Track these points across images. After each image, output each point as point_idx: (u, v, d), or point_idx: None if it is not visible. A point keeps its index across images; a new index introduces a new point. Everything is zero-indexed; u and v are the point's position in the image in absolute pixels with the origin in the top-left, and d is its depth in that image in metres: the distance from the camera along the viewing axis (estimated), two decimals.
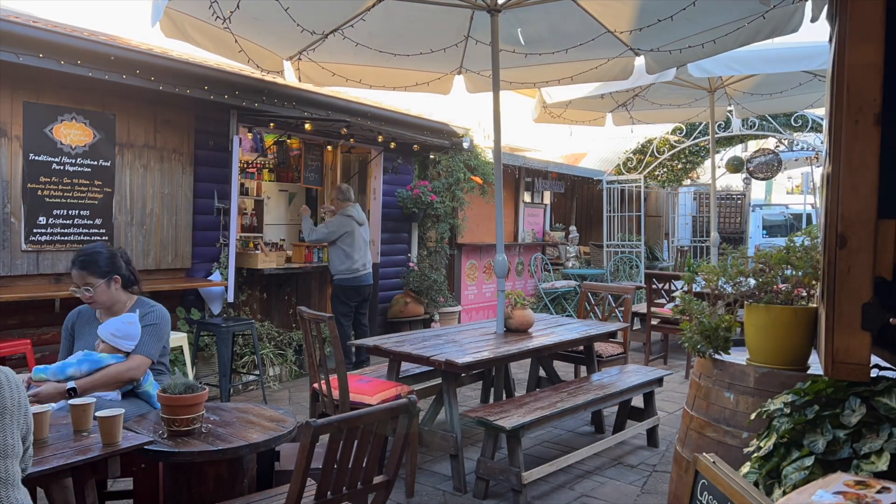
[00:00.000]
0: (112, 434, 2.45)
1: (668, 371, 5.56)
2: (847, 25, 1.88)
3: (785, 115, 11.15)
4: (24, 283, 5.14)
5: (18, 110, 5.09)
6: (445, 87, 6.41)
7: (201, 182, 6.43)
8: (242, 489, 2.92)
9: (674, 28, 5.04)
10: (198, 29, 4.56)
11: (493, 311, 5.39)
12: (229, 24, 4.50)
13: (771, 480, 1.92)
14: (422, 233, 9.15)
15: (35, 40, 4.74)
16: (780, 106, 8.70)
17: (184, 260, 6.29)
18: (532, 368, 5.79)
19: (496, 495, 4.08)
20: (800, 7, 4.77)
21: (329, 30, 5.13)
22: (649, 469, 4.61)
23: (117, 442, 2.46)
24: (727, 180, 15.92)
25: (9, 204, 5.08)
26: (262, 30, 4.94)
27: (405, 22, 5.25)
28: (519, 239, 11.46)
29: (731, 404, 2.55)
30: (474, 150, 9.25)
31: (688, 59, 5.71)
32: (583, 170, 13.32)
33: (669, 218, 14.46)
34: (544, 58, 5.81)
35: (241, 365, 6.42)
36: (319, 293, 7.79)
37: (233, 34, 4.66)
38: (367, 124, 7.39)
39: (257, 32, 4.94)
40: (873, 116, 1.85)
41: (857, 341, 1.89)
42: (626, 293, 6.22)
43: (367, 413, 2.43)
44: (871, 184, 1.86)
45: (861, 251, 1.88)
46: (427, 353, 4.25)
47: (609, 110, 8.39)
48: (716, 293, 2.79)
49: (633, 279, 11.70)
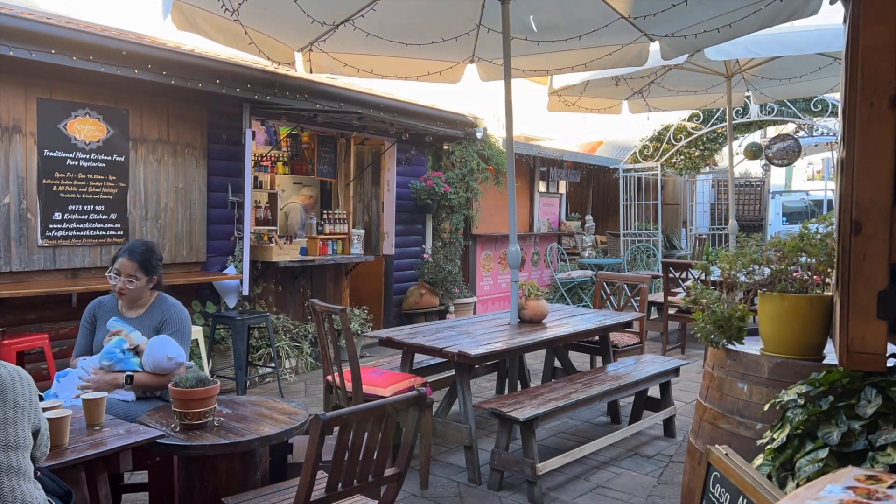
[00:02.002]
0: (60, 436, 2.40)
1: (685, 361, 5.51)
2: (861, 6, 1.82)
3: (804, 100, 10.97)
4: (41, 279, 5.19)
5: (32, 106, 5.13)
6: (457, 76, 6.37)
7: (215, 176, 6.45)
8: (255, 482, 2.93)
9: (689, 12, 4.96)
10: (208, 21, 4.56)
11: (509, 302, 5.36)
12: (238, 15, 4.50)
13: (784, 473, 1.88)
14: (436, 224, 9.12)
15: (47, 36, 4.77)
16: (798, 91, 8.56)
17: (199, 254, 6.33)
18: (547, 359, 5.77)
19: (511, 486, 4.07)
20: None
21: (339, 20, 5.10)
22: (666, 460, 4.57)
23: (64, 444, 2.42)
24: (746, 166, 15.73)
25: (24, 200, 5.12)
26: (272, 21, 4.93)
27: (416, 11, 5.21)
28: (534, 229, 11.40)
29: (744, 395, 2.52)
30: (488, 139, 9.20)
31: (703, 45, 5.62)
32: (598, 158, 13.21)
33: (687, 206, 14.33)
34: (557, 45, 5.74)
35: (258, 357, 6.45)
36: (334, 286, 7.80)
37: (242, 26, 4.65)
38: (380, 116, 7.37)
39: (267, 24, 4.92)
40: (888, 99, 1.80)
41: (873, 330, 1.85)
42: (642, 282, 6.17)
43: (378, 405, 2.42)
44: (886, 168, 1.81)
45: (876, 238, 1.83)
46: (440, 344, 4.24)
47: (625, 98, 8.29)
48: (729, 282, 2.74)
49: (650, 268, 11.61)
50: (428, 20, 5.40)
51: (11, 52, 4.61)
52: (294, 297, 7.35)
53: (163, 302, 3.55)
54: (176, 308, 3.54)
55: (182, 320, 3.50)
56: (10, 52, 4.60)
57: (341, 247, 7.51)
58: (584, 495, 3.99)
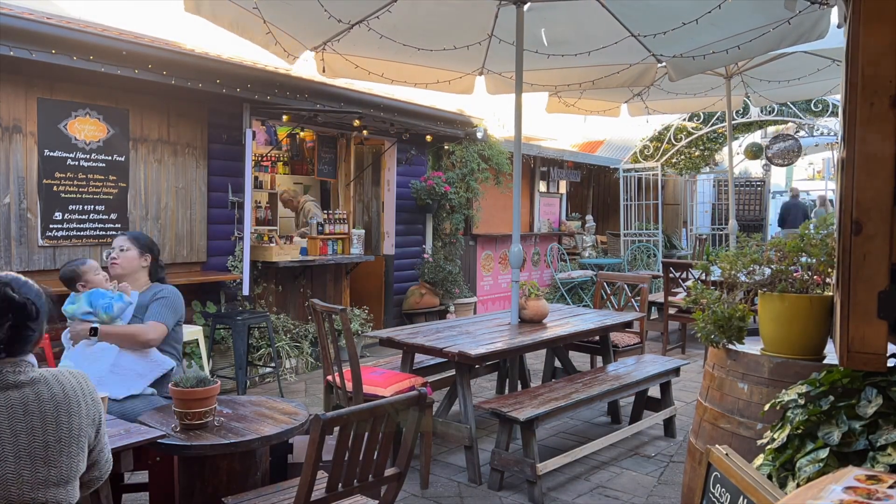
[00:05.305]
0: None
1: (685, 361, 5.51)
2: (861, 5, 1.82)
3: (805, 100, 10.97)
4: (41, 279, 5.14)
5: (32, 106, 5.13)
6: (467, 87, 6.40)
7: (215, 176, 6.45)
8: (256, 481, 2.93)
9: (697, 34, 4.97)
10: (219, 7, 4.52)
11: (509, 302, 5.37)
12: (257, 3, 4.46)
13: (785, 473, 1.88)
14: (436, 224, 9.12)
15: (47, 36, 4.76)
16: (797, 93, 8.56)
17: (199, 254, 6.33)
18: (547, 359, 5.77)
19: (511, 486, 4.07)
20: (826, 13, 4.67)
21: (356, 20, 5.08)
22: (666, 459, 4.57)
23: None
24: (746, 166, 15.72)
25: (25, 199, 5.12)
26: (288, 15, 4.87)
27: (430, 16, 5.22)
28: (535, 229, 11.40)
29: (744, 395, 2.51)
30: (488, 140, 9.20)
31: (710, 66, 5.63)
32: (599, 158, 13.21)
33: (687, 206, 14.32)
34: (566, 60, 5.79)
35: (258, 357, 6.45)
36: (334, 286, 7.80)
37: (261, 15, 4.58)
38: (380, 115, 7.37)
39: (283, 18, 4.87)
40: (889, 98, 1.79)
41: (874, 330, 1.84)
42: (642, 282, 6.17)
43: (378, 405, 2.42)
44: (886, 168, 1.81)
45: (877, 238, 1.83)
46: (440, 344, 4.24)
47: (624, 100, 8.29)
48: (729, 282, 2.74)
49: (650, 268, 11.60)
50: (441, 26, 5.41)
51: (12, 52, 4.60)
52: (294, 297, 7.35)
53: (157, 285, 3.63)
54: (169, 287, 3.60)
55: (172, 294, 3.56)
56: (11, 51, 4.60)
57: (341, 247, 7.51)
58: (584, 495, 3.99)
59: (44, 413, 1.76)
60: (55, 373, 1.86)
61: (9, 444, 1.70)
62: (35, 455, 1.73)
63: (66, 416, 1.80)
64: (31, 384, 1.77)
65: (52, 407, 1.78)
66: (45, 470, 1.74)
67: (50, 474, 1.75)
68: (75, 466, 1.82)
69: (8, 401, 1.73)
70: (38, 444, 1.73)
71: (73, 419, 1.81)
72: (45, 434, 1.75)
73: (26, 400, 1.75)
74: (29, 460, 1.72)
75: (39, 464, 1.73)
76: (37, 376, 1.80)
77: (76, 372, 1.93)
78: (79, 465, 1.84)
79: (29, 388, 1.76)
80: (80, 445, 1.84)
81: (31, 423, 1.73)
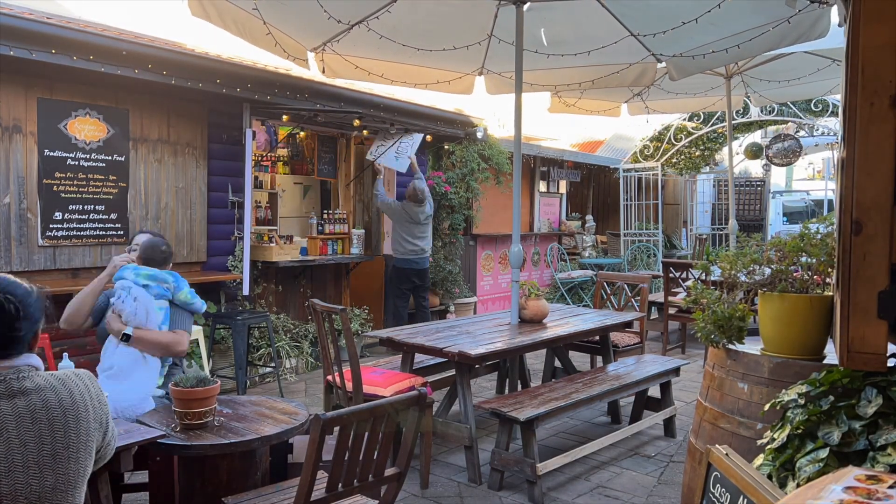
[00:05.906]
0: None
1: (685, 361, 5.51)
2: (861, 5, 1.82)
3: (805, 100, 10.97)
4: (41, 279, 5.18)
5: (32, 106, 5.13)
6: (467, 87, 6.40)
7: (215, 176, 6.45)
8: (256, 481, 2.93)
9: (697, 33, 4.97)
10: (224, 10, 4.53)
11: (509, 302, 5.37)
12: (257, 4, 4.47)
13: (785, 473, 1.88)
14: (436, 224, 9.11)
15: (47, 36, 4.76)
16: (797, 93, 8.57)
17: (199, 253, 6.33)
18: (547, 359, 5.77)
19: (511, 486, 4.07)
20: (826, 12, 4.67)
21: (355, 20, 5.08)
22: (666, 459, 4.57)
23: None
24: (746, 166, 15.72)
25: (25, 199, 5.12)
26: (288, 16, 4.87)
27: (430, 16, 5.21)
28: (535, 229, 11.40)
29: (744, 395, 2.51)
30: (488, 139, 9.20)
31: (710, 65, 5.62)
32: (599, 158, 13.21)
33: (687, 206, 14.32)
34: (566, 59, 5.78)
35: (258, 357, 6.45)
36: (334, 285, 7.80)
37: (262, 17, 4.59)
38: (380, 115, 7.37)
39: (283, 20, 4.87)
40: (889, 98, 1.79)
41: (874, 330, 1.84)
42: (642, 282, 6.17)
43: (378, 405, 2.42)
44: (887, 168, 1.81)
45: (877, 238, 1.83)
46: (440, 344, 4.24)
47: (624, 100, 8.29)
48: (729, 282, 2.74)
49: (650, 268, 11.60)
50: (441, 26, 5.41)
51: (12, 52, 4.60)
52: (294, 296, 7.35)
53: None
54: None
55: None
56: (11, 51, 4.60)
57: (341, 247, 7.51)
58: (584, 495, 3.99)
59: (52, 421, 1.72)
60: (61, 377, 1.82)
61: (17, 455, 1.66)
62: (44, 464, 1.69)
63: (74, 422, 1.76)
64: (37, 391, 1.73)
65: (60, 413, 1.74)
66: (53, 478, 1.71)
67: (58, 481, 1.72)
68: (83, 471, 1.80)
69: (15, 409, 1.68)
70: (46, 452, 1.70)
71: (80, 424, 1.78)
72: (54, 442, 1.71)
73: (34, 408, 1.70)
74: (37, 469, 1.68)
75: (48, 472, 1.70)
76: (43, 383, 1.75)
77: (81, 373, 1.89)
78: (87, 469, 1.82)
79: (35, 395, 1.72)
80: (89, 450, 1.81)
81: (39, 431, 1.69)
